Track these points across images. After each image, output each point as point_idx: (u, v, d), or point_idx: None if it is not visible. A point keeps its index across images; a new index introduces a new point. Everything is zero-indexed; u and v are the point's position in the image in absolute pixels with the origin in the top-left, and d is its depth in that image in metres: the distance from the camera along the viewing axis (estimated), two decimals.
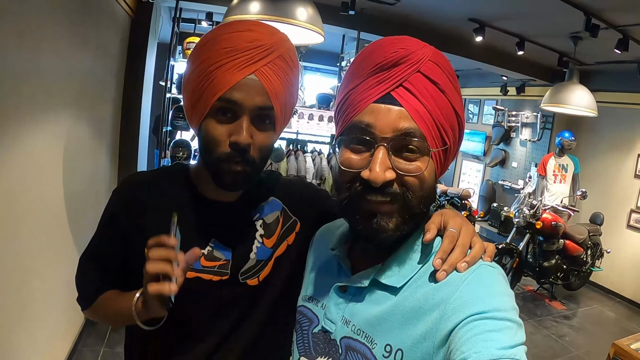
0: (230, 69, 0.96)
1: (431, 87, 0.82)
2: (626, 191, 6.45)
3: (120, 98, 4.26)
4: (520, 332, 0.72)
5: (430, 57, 0.83)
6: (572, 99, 5.00)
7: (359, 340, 0.86)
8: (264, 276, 1.17)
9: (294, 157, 5.66)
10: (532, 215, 5.68)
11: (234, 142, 0.98)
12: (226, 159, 1.00)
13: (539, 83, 7.33)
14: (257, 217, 1.19)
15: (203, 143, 1.04)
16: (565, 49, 5.61)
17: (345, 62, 6.37)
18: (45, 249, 2.56)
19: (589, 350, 4.70)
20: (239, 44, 0.97)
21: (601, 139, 6.88)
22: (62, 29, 2.50)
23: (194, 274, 1.08)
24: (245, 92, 0.97)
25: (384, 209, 0.82)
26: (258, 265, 1.16)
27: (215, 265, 1.11)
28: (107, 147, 3.92)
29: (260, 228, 1.18)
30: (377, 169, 0.79)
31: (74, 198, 3.00)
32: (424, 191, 0.83)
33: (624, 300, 6.35)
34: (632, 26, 4.42)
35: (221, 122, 0.99)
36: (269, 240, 1.19)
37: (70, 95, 2.77)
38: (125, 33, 4.20)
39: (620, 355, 2.80)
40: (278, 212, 1.23)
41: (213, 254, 1.11)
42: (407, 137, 0.80)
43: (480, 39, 5.08)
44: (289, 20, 2.64)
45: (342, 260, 0.97)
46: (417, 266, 0.86)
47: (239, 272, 1.13)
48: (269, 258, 1.18)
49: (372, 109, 0.82)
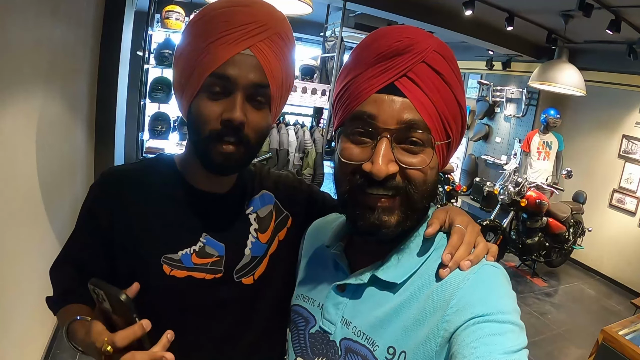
0: (224, 44, 0.91)
1: (436, 79, 0.79)
2: (609, 171, 6.48)
3: (96, 70, 4.08)
4: (522, 335, 0.71)
5: (435, 47, 0.80)
6: (561, 77, 4.98)
7: (360, 342, 0.84)
8: (259, 274, 1.11)
9: (276, 129, 5.54)
10: (517, 192, 5.71)
11: (226, 119, 0.92)
12: (217, 137, 0.94)
13: (526, 59, 7.26)
14: (251, 211, 1.13)
15: (193, 122, 0.96)
16: (554, 26, 5.54)
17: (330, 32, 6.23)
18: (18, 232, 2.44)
19: (569, 328, 4.78)
20: (234, 18, 0.92)
21: (586, 118, 6.88)
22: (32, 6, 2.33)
23: (185, 272, 1.01)
24: (239, 67, 0.92)
25: (386, 204, 0.80)
26: (253, 262, 1.10)
27: (207, 262, 1.03)
28: (82, 122, 3.76)
29: (254, 222, 1.12)
30: (379, 161, 0.76)
31: (49, 178, 2.87)
32: (426, 185, 0.81)
33: (604, 278, 6.46)
34: (625, 7, 4.36)
35: (213, 99, 0.93)
36: (264, 235, 1.13)
37: (40, 70, 2.61)
38: (100, 1, 4.00)
39: (609, 342, 2.81)
40: (271, 206, 1.17)
41: (205, 250, 1.04)
42: (411, 128, 0.78)
43: (470, 12, 4.97)
44: None
45: (339, 258, 0.94)
46: (418, 263, 0.84)
47: (234, 270, 1.07)
48: (264, 255, 1.12)
49: (375, 99, 0.79)
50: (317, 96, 5.59)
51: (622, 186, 6.30)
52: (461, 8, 4.98)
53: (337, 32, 5.65)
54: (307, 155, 5.67)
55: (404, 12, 5.57)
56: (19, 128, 2.38)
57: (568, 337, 4.59)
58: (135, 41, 5.03)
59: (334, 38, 5.88)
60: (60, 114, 3.10)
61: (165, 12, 5.27)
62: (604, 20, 4.54)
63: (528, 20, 5.50)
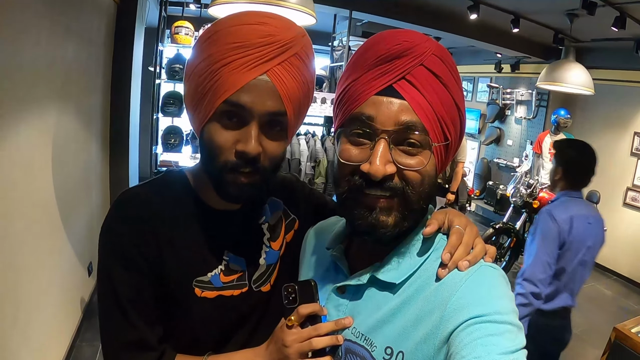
0: (238, 68, 0.84)
1: (434, 81, 0.80)
2: (622, 169, 6.43)
3: (109, 86, 4.17)
4: (521, 335, 0.71)
5: (434, 51, 0.81)
6: (568, 77, 4.96)
7: (358, 344, 0.84)
8: (274, 279, 1.12)
9: None
10: (529, 194, 5.67)
11: (241, 152, 0.87)
12: (231, 168, 0.89)
13: (534, 60, 7.26)
14: (263, 221, 1.13)
15: (206, 149, 0.92)
16: (560, 26, 5.54)
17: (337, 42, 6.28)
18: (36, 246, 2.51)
19: (586, 329, 4.72)
20: (249, 39, 0.85)
21: (597, 117, 6.83)
22: (43, 19, 2.42)
23: (215, 292, 1.01)
24: (255, 94, 0.85)
25: (383, 204, 0.80)
26: (268, 270, 1.12)
27: (233, 279, 1.04)
28: (96, 137, 3.85)
29: (267, 232, 1.13)
30: (377, 162, 0.77)
31: (65, 192, 2.94)
32: (424, 187, 0.81)
33: (620, 278, 6.39)
34: (629, 4, 4.36)
35: (227, 127, 0.88)
36: (275, 243, 1.14)
37: (54, 87, 2.69)
38: (111, 19, 4.10)
39: (622, 340, 2.80)
40: (280, 212, 1.18)
41: (230, 267, 1.04)
42: (408, 130, 0.78)
43: (475, 16, 5.00)
44: (278, 2, 2.57)
45: (339, 261, 0.95)
46: (417, 264, 0.84)
47: (251, 281, 1.08)
48: (277, 261, 1.14)
49: (374, 101, 0.80)
50: (327, 105, 5.64)
51: (635, 184, 6.25)
52: (466, 12, 5.01)
53: (344, 41, 5.71)
54: (318, 164, 5.70)
55: (410, 19, 5.61)
56: (35, 144, 2.46)
57: (584, 338, 4.53)
58: (146, 57, 5.13)
59: (342, 47, 5.94)
60: (75, 130, 3.18)
61: (175, 27, 5.35)
62: (609, 18, 4.54)
63: (534, 22, 5.50)
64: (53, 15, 2.56)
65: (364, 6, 5.36)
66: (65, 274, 3.01)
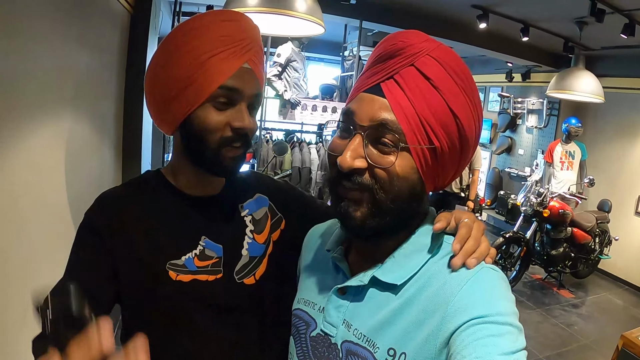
0: (228, 57, 0.98)
1: (423, 82, 0.79)
2: (634, 177, 6.39)
3: (122, 94, 4.23)
4: (521, 337, 0.72)
5: (430, 52, 0.81)
6: (578, 85, 4.97)
7: (360, 345, 0.85)
8: (260, 274, 1.16)
9: (298, 148, 5.65)
10: (540, 203, 5.65)
11: (238, 128, 1.01)
12: (228, 143, 1.02)
13: (545, 69, 7.27)
14: (247, 213, 1.19)
15: (197, 133, 1.01)
16: (570, 34, 5.56)
17: (348, 51, 6.33)
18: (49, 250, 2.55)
19: (597, 339, 4.69)
20: (232, 33, 1.00)
21: (608, 125, 6.81)
22: (57, 27, 2.47)
23: (190, 276, 1.06)
24: (244, 79, 1.01)
25: (351, 196, 0.83)
26: (252, 262, 1.15)
27: (208, 264, 1.09)
28: (110, 144, 3.90)
29: (250, 224, 1.18)
30: (346, 155, 0.79)
31: (78, 198, 2.98)
32: (393, 186, 0.80)
33: (632, 288, 6.33)
34: (638, 10, 4.37)
35: (220, 109, 1.00)
36: (260, 236, 1.19)
37: (67, 94, 2.74)
38: (125, 29, 4.17)
39: (629, 347, 2.78)
40: (266, 208, 1.23)
41: (205, 252, 1.09)
42: (382, 128, 0.79)
43: (484, 25, 5.03)
44: (288, 12, 2.61)
45: (340, 261, 0.95)
46: (418, 265, 0.85)
47: (234, 271, 1.12)
48: (263, 255, 1.17)
49: (360, 97, 0.84)
50: (337, 114, 5.69)
51: None
52: (475, 21, 5.05)
53: (354, 51, 5.76)
54: None
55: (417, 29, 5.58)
56: (48, 150, 2.50)
57: (595, 348, 4.50)
58: None
59: (352, 57, 5.99)
60: (89, 136, 3.24)
61: None
62: (618, 25, 4.56)
63: (543, 30, 5.53)
64: (66, 24, 2.61)
65: (374, 16, 5.41)
66: None
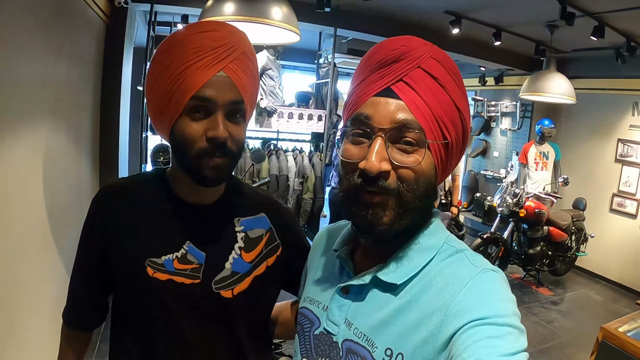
0: (200, 68, 0.99)
1: (431, 82, 0.83)
2: (608, 175, 6.54)
3: (98, 105, 4.21)
4: (522, 338, 0.72)
5: (432, 54, 0.85)
6: (550, 87, 5.07)
7: (360, 344, 0.86)
8: (239, 291, 1.17)
9: (275, 156, 5.66)
10: (515, 203, 5.74)
11: (212, 137, 1.01)
12: (206, 153, 1.02)
13: (518, 72, 7.39)
14: (242, 230, 1.20)
15: (179, 143, 1.04)
16: (542, 37, 5.66)
17: (323, 59, 6.36)
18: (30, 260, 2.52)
19: (577, 334, 4.77)
20: (205, 43, 1.01)
21: (581, 125, 6.96)
22: (37, 37, 2.45)
23: (166, 276, 1.10)
24: (216, 88, 1.01)
25: (379, 201, 0.82)
26: (233, 277, 1.16)
27: (187, 268, 1.12)
28: (87, 155, 3.87)
29: (240, 240, 1.19)
30: (372, 158, 0.80)
31: (57, 208, 2.96)
32: (419, 185, 0.83)
33: (610, 283, 6.46)
34: (607, 13, 4.46)
35: (196, 119, 1.01)
36: (248, 255, 1.19)
37: (46, 105, 2.72)
38: (101, 39, 4.14)
39: (609, 339, 2.84)
40: (264, 230, 1.24)
41: (186, 257, 1.12)
42: (404, 128, 0.81)
43: (457, 31, 5.10)
44: (263, 20, 2.64)
45: (345, 261, 0.97)
46: (419, 266, 0.85)
47: (213, 280, 1.14)
48: (247, 273, 1.18)
49: (372, 101, 0.84)
50: (313, 122, 5.70)
51: (621, 190, 6.36)
52: (448, 27, 5.11)
53: (329, 58, 5.79)
54: (306, 180, 5.75)
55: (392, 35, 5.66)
56: (28, 160, 2.48)
57: (576, 344, 4.57)
58: (135, 76, 5.16)
59: (327, 64, 6.01)
60: (66, 147, 3.21)
61: None
62: (588, 28, 4.65)
63: (515, 34, 5.62)
64: (46, 33, 2.59)
65: (348, 23, 5.46)
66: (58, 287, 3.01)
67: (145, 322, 1.12)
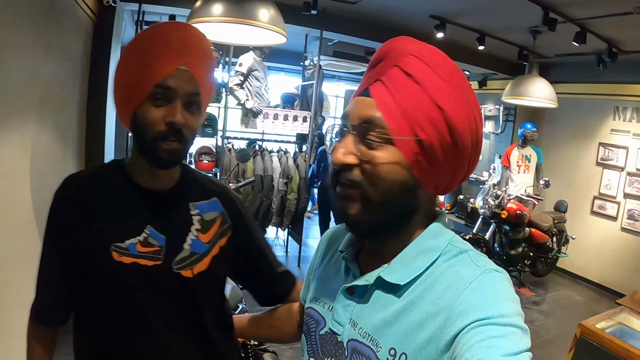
0: (165, 60, 1.11)
1: (405, 80, 0.82)
2: (589, 179, 6.64)
3: (85, 103, 4.21)
4: (525, 338, 0.72)
5: (413, 52, 0.84)
6: (532, 91, 5.15)
7: (365, 343, 0.87)
8: (198, 270, 1.26)
9: (260, 156, 5.69)
10: (497, 205, 5.80)
11: (170, 122, 1.11)
12: (162, 137, 1.12)
13: (501, 76, 7.48)
14: (197, 213, 1.30)
15: (139, 126, 1.14)
16: (525, 42, 5.74)
17: (309, 61, 6.38)
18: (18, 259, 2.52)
19: (558, 334, 4.83)
20: (172, 40, 1.14)
21: (563, 129, 7.06)
22: (26, 34, 2.47)
23: (131, 259, 1.17)
24: (177, 79, 1.12)
25: (347, 193, 0.85)
26: (192, 257, 1.25)
27: (150, 251, 1.19)
28: (73, 152, 3.87)
29: (197, 223, 1.29)
30: (337, 152, 0.84)
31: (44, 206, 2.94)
32: (381, 180, 0.82)
33: (591, 284, 6.56)
34: (588, 19, 4.55)
35: (157, 105, 1.12)
36: (205, 236, 1.29)
37: (34, 103, 2.73)
38: (88, 37, 4.15)
39: (587, 335, 2.91)
40: (217, 213, 1.34)
41: (148, 240, 1.20)
42: (368, 124, 0.82)
43: (442, 35, 5.16)
44: (251, 22, 2.66)
45: (350, 262, 0.98)
46: (422, 267, 0.85)
47: (173, 261, 1.22)
48: (205, 253, 1.28)
49: (352, 101, 0.89)
50: (298, 123, 5.74)
51: (602, 192, 6.46)
52: (433, 31, 5.16)
53: (315, 60, 5.82)
54: (291, 181, 5.78)
55: (378, 39, 5.75)
56: (16, 158, 2.49)
57: (557, 342, 4.63)
58: None
59: (313, 66, 6.04)
60: (53, 145, 3.21)
61: None
62: (570, 33, 4.73)
63: (499, 39, 5.70)
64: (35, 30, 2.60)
65: (334, 26, 5.51)
66: None
67: (111, 310, 1.18)
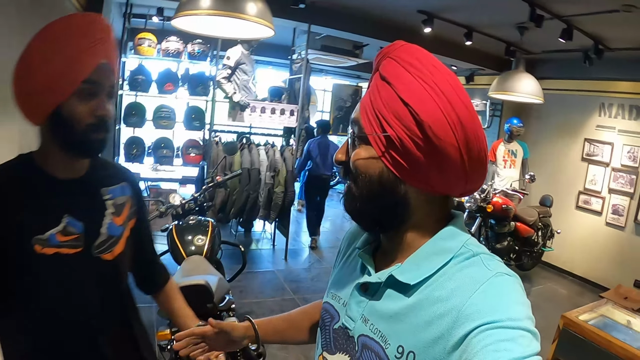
0: (91, 54, 1.12)
1: (379, 82, 0.88)
2: (574, 174, 6.71)
3: None
4: (535, 341, 0.72)
5: (390, 53, 0.88)
6: (518, 86, 5.18)
7: (375, 340, 0.89)
8: (118, 252, 1.33)
9: (247, 150, 5.69)
10: (483, 199, 5.84)
11: (101, 116, 1.16)
12: (93, 129, 1.16)
13: (488, 72, 7.53)
14: (109, 197, 1.34)
15: (66, 120, 1.14)
16: (512, 38, 5.79)
17: (296, 55, 6.38)
18: None
19: (543, 326, 4.65)
20: (94, 33, 1.14)
21: (549, 125, 7.12)
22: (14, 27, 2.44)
23: (53, 249, 1.19)
24: (102, 73, 1.16)
25: (345, 188, 0.95)
26: (110, 239, 1.31)
27: (70, 239, 1.22)
28: None
29: (111, 206, 1.34)
30: (337, 152, 0.96)
31: None
32: (359, 175, 0.89)
33: (576, 278, 6.63)
34: (575, 16, 4.59)
35: (85, 100, 1.14)
36: (118, 218, 1.35)
37: None
38: None
39: (569, 326, 2.96)
40: (127, 197, 1.41)
41: (67, 229, 1.22)
42: (352, 125, 0.92)
43: (429, 30, 5.20)
44: (239, 15, 2.66)
45: (366, 260, 0.99)
46: (434, 268, 0.86)
47: (92, 246, 1.27)
48: (120, 235, 1.35)
49: None
50: (285, 116, 5.74)
51: (587, 187, 6.52)
52: (421, 26, 5.19)
53: (303, 54, 5.82)
54: (278, 174, 5.79)
55: (366, 33, 5.80)
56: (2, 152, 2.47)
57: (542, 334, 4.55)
58: None
59: (300, 60, 6.04)
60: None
61: (138, 39, 5.40)
62: (557, 30, 4.78)
63: (486, 35, 5.74)
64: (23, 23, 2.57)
65: (322, 20, 5.51)
66: None
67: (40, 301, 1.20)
